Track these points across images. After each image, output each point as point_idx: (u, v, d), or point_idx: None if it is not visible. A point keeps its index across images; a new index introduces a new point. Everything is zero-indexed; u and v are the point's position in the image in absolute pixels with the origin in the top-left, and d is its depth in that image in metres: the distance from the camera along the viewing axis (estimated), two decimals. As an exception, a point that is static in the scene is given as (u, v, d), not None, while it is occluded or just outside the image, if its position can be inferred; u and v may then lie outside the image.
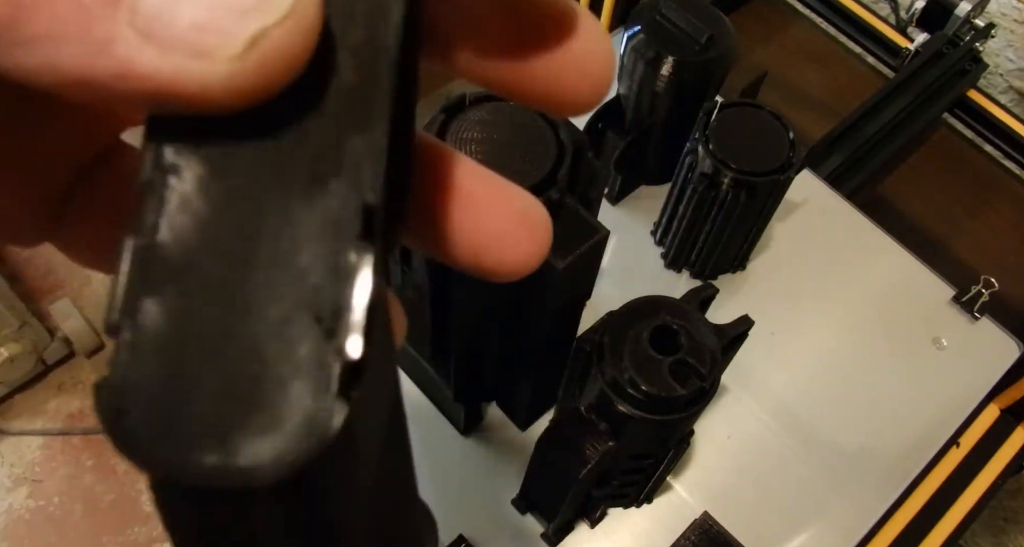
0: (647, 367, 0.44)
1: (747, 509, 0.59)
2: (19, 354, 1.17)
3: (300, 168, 0.12)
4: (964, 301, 0.68)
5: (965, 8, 0.81)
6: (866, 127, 0.77)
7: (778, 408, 0.63)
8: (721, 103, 0.57)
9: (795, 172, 0.57)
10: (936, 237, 0.79)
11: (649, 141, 0.66)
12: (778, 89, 0.84)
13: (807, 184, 0.72)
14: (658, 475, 0.54)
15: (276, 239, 0.12)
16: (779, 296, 0.68)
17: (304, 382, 0.11)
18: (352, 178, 0.12)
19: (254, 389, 0.11)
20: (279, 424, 0.11)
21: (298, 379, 0.11)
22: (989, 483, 0.66)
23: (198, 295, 0.12)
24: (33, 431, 1.25)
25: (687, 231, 0.63)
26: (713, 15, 0.59)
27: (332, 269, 0.12)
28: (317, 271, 0.12)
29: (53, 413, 1.26)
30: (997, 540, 0.96)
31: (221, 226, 0.12)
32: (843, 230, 0.71)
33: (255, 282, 0.12)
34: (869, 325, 0.67)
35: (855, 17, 0.89)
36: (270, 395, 0.11)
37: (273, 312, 0.12)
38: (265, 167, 0.12)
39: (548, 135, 0.39)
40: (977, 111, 0.85)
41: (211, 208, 0.12)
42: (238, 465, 0.11)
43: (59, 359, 1.28)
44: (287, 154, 0.13)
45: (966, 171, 0.84)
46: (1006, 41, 1.00)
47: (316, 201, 0.12)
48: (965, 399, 0.65)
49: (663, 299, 0.46)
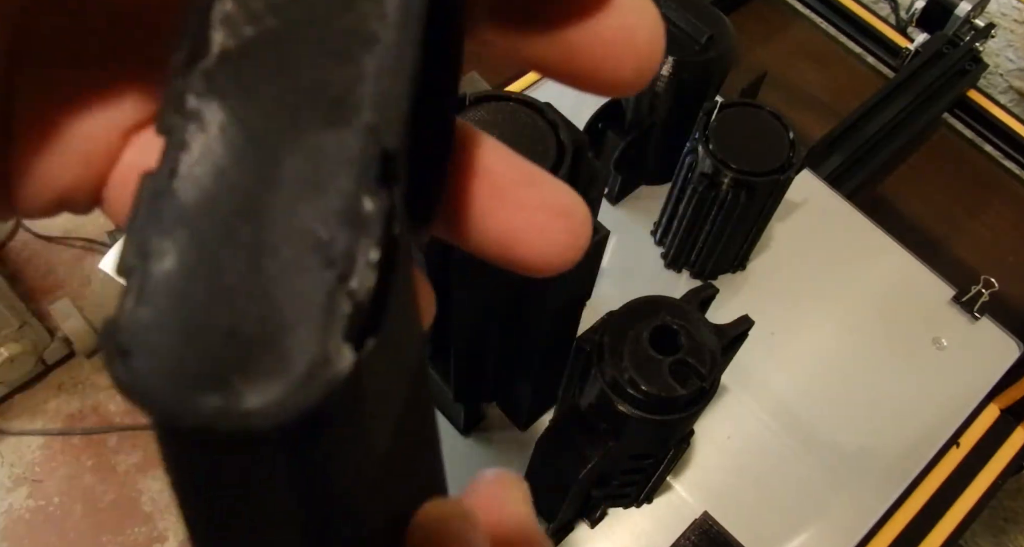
0: (647, 367, 0.44)
1: (747, 509, 0.59)
2: (19, 354, 1.17)
3: (319, 110, 0.12)
4: (964, 301, 0.68)
5: (965, 8, 0.81)
6: (866, 127, 0.77)
7: (778, 408, 0.63)
8: (721, 103, 0.57)
9: (795, 172, 0.57)
10: (936, 237, 0.79)
11: (649, 141, 0.66)
12: (778, 89, 0.84)
13: (807, 184, 0.72)
14: (658, 475, 0.54)
15: (292, 183, 0.12)
16: (779, 296, 0.68)
17: (312, 325, 0.11)
18: (372, 121, 0.12)
19: (261, 331, 0.11)
20: (284, 367, 0.11)
21: (306, 322, 0.11)
22: (989, 483, 0.66)
23: (210, 238, 0.12)
24: (33, 431, 1.25)
25: (687, 231, 0.63)
26: (713, 15, 0.59)
27: (347, 214, 0.12)
28: (331, 216, 0.12)
29: (53, 413, 1.26)
30: (997, 540, 0.96)
31: (237, 171, 0.12)
32: (843, 230, 0.71)
33: (268, 226, 0.12)
34: (869, 325, 0.67)
35: (855, 17, 0.89)
36: (277, 337, 0.11)
37: (285, 255, 0.12)
38: (285, 112, 0.12)
39: (548, 135, 0.39)
40: (977, 111, 0.85)
41: (229, 153, 0.12)
42: (239, 409, 0.11)
43: (59, 359, 1.28)
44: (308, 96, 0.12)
45: (966, 171, 0.84)
46: (1006, 41, 1.00)
47: (333, 144, 0.12)
48: (965, 399, 0.65)
49: (663, 299, 0.46)
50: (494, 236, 0.16)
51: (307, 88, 0.12)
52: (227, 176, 0.12)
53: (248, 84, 0.12)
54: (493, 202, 0.16)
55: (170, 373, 0.11)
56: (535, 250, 0.16)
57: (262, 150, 0.12)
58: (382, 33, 0.13)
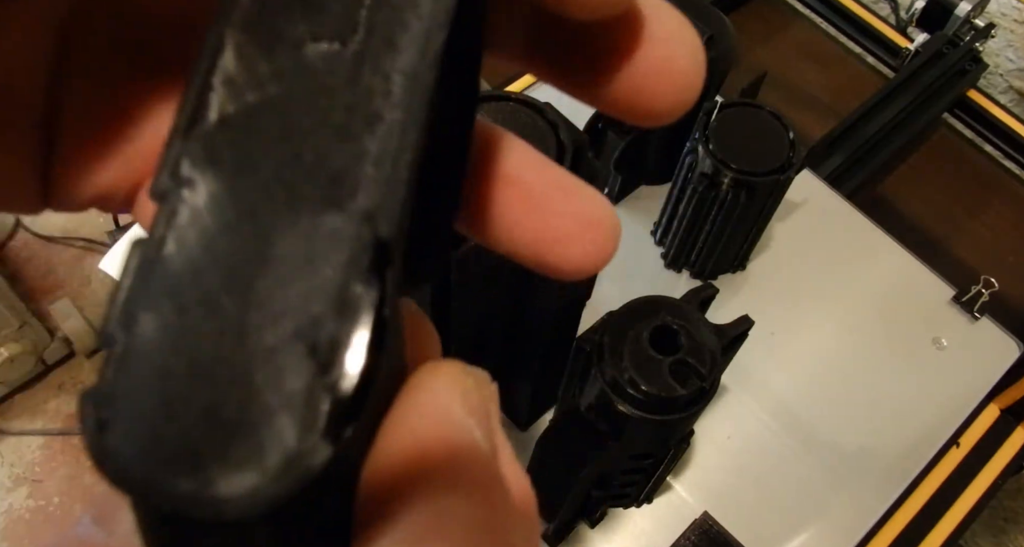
0: (647, 367, 0.44)
1: (747, 509, 0.59)
2: (19, 354, 1.17)
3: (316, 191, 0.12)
4: (964, 301, 0.68)
5: (965, 8, 0.81)
6: (866, 127, 0.77)
7: (778, 408, 0.63)
8: (721, 103, 0.57)
9: (795, 172, 0.57)
10: (936, 237, 0.79)
11: (649, 141, 0.66)
12: (778, 89, 0.84)
13: (807, 184, 0.72)
14: (658, 475, 0.54)
15: (282, 264, 0.12)
16: (779, 296, 0.68)
17: (290, 417, 0.11)
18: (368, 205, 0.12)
19: (239, 417, 0.11)
20: (259, 458, 0.11)
21: (285, 412, 0.11)
22: (989, 483, 0.66)
23: (195, 313, 0.11)
24: (33, 431, 1.25)
25: (687, 231, 0.63)
26: (713, 15, 0.59)
27: (335, 301, 0.12)
28: (319, 302, 0.12)
29: (53, 413, 1.26)
30: (997, 540, 0.96)
31: (229, 246, 0.12)
32: (843, 230, 0.71)
33: (254, 306, 0.12)
34: (869, 325, 0.67)
35: (855, 17, 0.89)
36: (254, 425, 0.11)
37: (268, 338, 0.11)
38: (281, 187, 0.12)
39: (548, 135, 0.39)
40: (977, 111, 0.85)
41: (220, 226, 0.12)
42: (211, 495, 0.11)
43: (59, 359, 1.28)
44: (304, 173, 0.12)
45: (966, 171, 0.84)
46: (1006, 41, 1.00)
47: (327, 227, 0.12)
48: (965, 399, 0.65)
49: (663, 299, 0.46)
50: (525, 242, 0.16)
51: (305, 164, 0.12)
52: (217, 250, 0.12)
53: (246, 154, 0.12)
54: (525, 210, 0.16)
55: (144, 452, 0.11)
56: (565, 258, 0.16)
57: (255, 226, 0.12)
58: (387, 113, 0.12)
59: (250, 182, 0.12)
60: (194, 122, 0.12)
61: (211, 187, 0.12)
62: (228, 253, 0.12)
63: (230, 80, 0.12)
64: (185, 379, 0.11)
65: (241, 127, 0.12)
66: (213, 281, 0.12)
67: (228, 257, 0.12)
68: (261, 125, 0.12)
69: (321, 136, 0.12)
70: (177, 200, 0.12)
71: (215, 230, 0.12)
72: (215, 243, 0.12)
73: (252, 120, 0.12)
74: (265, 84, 0.12)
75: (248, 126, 0.12)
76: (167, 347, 0.11)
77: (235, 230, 0.12)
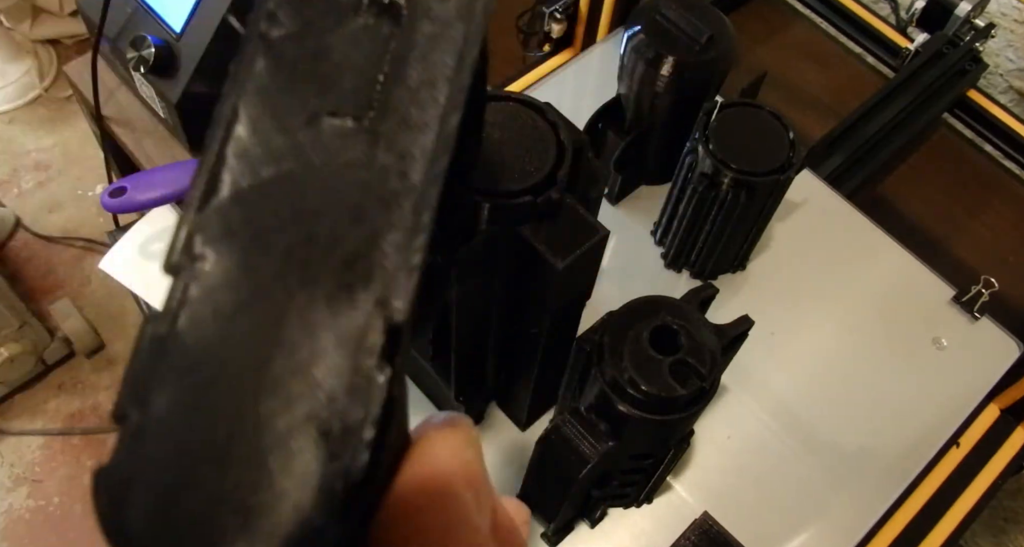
0: (647, 367, 0.44)
1: (747, 509, 0.59)
2: (19, 354, 1.17)
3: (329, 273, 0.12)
4: (964, 301, 0.68)
5: (965, 8, 0.81)
6: (866, 127, 0.77)
7: (778, 408, 0.63)
8: (721, 103, 0.57)
9: (795, 172, 0.57)
10: (936, 237, 0.79)
11: (649, 141, 0.66)
12: (778, 89, 0.84)
13: (807, 184, 0.72)
14: (658, 475, 0.54)
15: (295, 346, 0.12)
16: (779, 296, 0.68)
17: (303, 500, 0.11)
18: (381, 291, 0.12)
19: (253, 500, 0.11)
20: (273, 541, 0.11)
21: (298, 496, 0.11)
22: (989, 483, 0.66)
23: (210, 394, 0.11)
24: (33, 431, 1.25)
25: (687, 231, 0.63)
26: (713, 15, 0.59)
27: (347, 386, 0.12)
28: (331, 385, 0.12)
29: (53, 413, 1.26)
30: (997, 540, 0.96)
31: (242, 326, 0.12)
32: (843, 230, 0.71)
33: (268, 388, 0.12)
34: (869, 325, 0.67)
35: (855, 17, 0.89)
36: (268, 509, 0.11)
37: (281, 422, 0.11)
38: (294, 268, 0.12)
39: (548, 135, 0.39)
40: (977, 111, 0.85)
41: (234, 305, 0.12)
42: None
43: (59, 359, 1.28)
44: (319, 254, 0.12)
45: (966, 171, 0.84)
46: (1006, 41, 1.00)
47: (341, 311, 0.12)
48: (965, 399, 0.65)
49: (663, 299, 0.46)
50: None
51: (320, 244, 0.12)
52: (231, 330, 0.12)
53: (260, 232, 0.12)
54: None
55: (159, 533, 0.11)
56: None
57: (268, 307, 0.12)
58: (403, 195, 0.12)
59: (264, 261, 0.12)
60: (208, 195, 0.12)
61: (225, 264, 0.12)
62: (242, 333, 0.12)
63: (244, 153, 0.12)
64: (199, 460, 0.11)
65: (255, 203, 0.12)
66: (227, 361, 0.12)
67: (242, 337, 0.12)
68: (276, 202, 0.12)
69: (336, 216, 0.12)
70: (190, 276, 0.12)
71: (229, 309, 0.12)
72: (229, 322, 0.12)
73: (266, 196, 0.12)
74: (280, 159, 0.12)
75: (263, 202, 0.12)
76: (181, 427, 0.11)
77: (248, 310, 0.12)
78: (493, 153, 0.39)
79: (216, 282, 0.12)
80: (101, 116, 0.77)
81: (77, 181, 1.48)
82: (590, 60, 0.79)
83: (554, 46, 0.84)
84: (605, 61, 0.79)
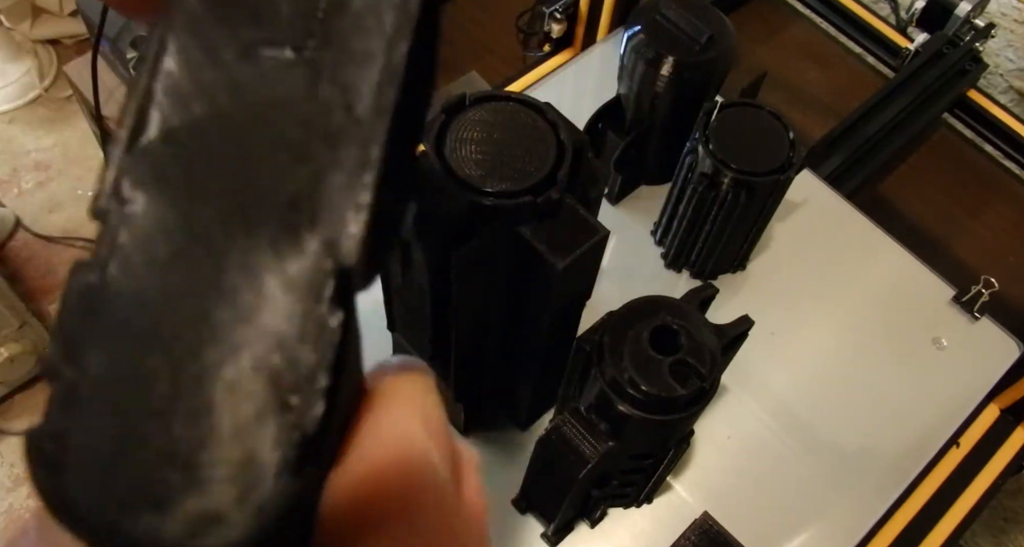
0: (647, 367, 0.44)
1: (747, 509, 0.59)
2: (19, 354, 1.17)
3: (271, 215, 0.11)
4: (964, 301, 0.68)
5: (965, 8, 0.81)
6: (866, 127, 0.77)
7: (778, 408, 0.63)
8: (721, 103, 0.57)
9: (795, 172, 0.57)
10: (936, 237, 0.79)
11: (649, 141, 0.66)
12: (778, 89, 0.84)
13: (807, 184, 0.72)
14: (658, 475, 0.54)
15: (238, 292, 0.11)
16: (779, 296, 0.68)
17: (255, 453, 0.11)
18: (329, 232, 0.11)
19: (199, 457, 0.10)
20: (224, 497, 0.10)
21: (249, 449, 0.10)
22: (989, 483, 0.66)
23: (147, 344, 0.11)
24: (33, 431, 1.25)
25: (687, 231, 0.63)
26: (713, 15, 0.59)
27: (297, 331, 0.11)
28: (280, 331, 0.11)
29: (53, 413, 1.26)
30: (997, 540, 0.96)
31: (179, 273, 0.11)
32: (843, 230, 0.71)
33: (211, 337, 0.11)
34: (869, 325, 0.67)
35: (855, 17, 0.89)
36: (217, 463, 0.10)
37: (228, 373, 0.11)
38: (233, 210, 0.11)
39: (548, 135, 0.39)
40: (977, 111, 0.85)
41: (169, 252, 0.11)
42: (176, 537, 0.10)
43: (59, 359, 1.28)
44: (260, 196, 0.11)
45: (966, 171, 0.84)
46: (1006, 41, 1.00)
47: (286, 254, 0.11)
48: (965, 399, 0.65)
49: (663, 299, 0.46)
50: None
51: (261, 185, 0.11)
52: (168, 278, 0.11)
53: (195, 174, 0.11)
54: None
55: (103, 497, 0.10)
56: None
57: (207, 253, 0.11)
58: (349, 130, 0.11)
59: (199, 204, 0.11)
60: (137, 135, 0.11)
61: (157, 208, 0.11)
62: (179, 281, 0.11)
63: (174, 89, 0.11)
64: (140, 416, 0.10)
65: (188, 143, 0.11)
66: (165, 310, 0.11)
67: (179, 285, 0.11)
68: (211, 141, 0.11)
69: (277, 154, 0.11)
70: (119, 220, 0.11)
71: (163, 256, 0.11)
72: (165, 270, 0.11)
73: (200, 135, 0.11)
74: (214, 94, 0.11)
75: (196, 142, 0.11)
76: (120, 383, 0.11)
77: (185, 256, 0.11)
78: (492, 153, 0.39)
79: (148, 228, 0.11)
80: (101, 116, 0.77)
81: (77, 181, 1.48)
82: (590, 60, 0.79)
83: (554, 46, 0.84)
84: (605, 61, 0.79)
